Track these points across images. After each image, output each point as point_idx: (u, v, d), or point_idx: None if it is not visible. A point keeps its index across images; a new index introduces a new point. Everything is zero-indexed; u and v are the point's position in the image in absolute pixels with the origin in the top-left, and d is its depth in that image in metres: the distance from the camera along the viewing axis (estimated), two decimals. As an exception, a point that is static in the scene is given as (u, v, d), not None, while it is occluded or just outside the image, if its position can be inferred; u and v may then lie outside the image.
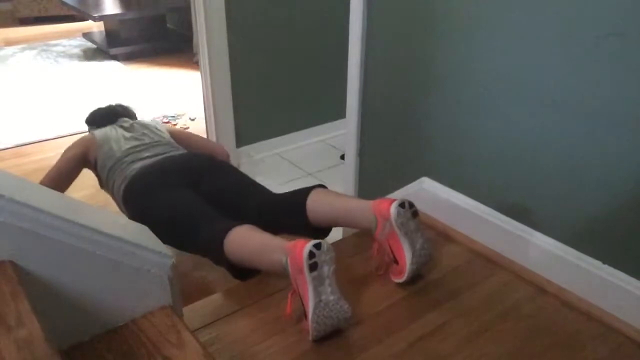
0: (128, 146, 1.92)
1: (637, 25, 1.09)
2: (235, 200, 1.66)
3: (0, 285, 0.88)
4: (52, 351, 0.78)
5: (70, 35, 5.11)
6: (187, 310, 1.27)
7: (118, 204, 1.84)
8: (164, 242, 1.57)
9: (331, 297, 1.16)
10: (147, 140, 1.97)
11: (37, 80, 3.97)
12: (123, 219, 1.24)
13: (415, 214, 1.31)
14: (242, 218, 1.54)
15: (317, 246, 1.14)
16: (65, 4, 4.64)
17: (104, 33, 4.77)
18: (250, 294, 1.35)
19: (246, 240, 1.33)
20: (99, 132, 2.02)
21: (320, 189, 1.51)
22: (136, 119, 2.23)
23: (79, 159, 2.00)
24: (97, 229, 1.01)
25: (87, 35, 4.79)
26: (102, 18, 4.33)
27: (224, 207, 1.61)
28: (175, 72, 4.25)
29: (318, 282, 1.15)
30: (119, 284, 1.06)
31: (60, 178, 1.99)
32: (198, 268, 2.02)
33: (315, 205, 1.47)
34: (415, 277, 1.34)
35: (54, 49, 4.70)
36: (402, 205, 1.28)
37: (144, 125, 2.09)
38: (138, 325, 1.09)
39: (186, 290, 1.35)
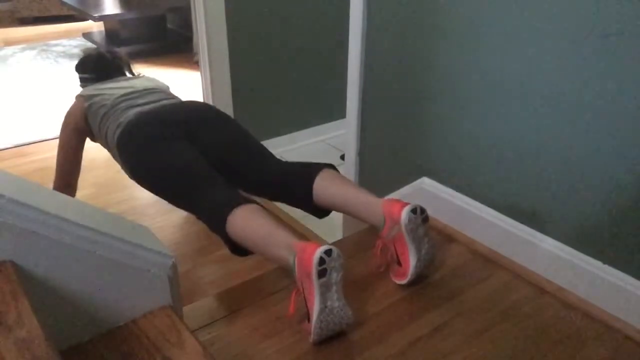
0: (122, 92, 1.83)
1: (638, 25, 1.09)
2: (237, 161, 1.59)
3: (0, 285, 0.88)
4: (52, 351, 0.78)
5: (70, 35, 5.11)
6: (187, 310, 1.27)
7: (112, 154, 1.76)
8: (157, 194, 1.56)
9: (337, 304, 1.14)
10: (141, 87, 1.88)
11: (37, 80, 3.96)
12: (123, 219, 1.24)
13: (425, 220, 1.29)
14: (242, 180, 1.50)
15: (328, 253, 1.11)
16: (65, 4, 4.64)
17: (104, 33, 4.78)
18: (250, 293, 1.35)
19: (251, 225, 1.28)
20: (86, 90, 1.94)
21: (329, 171, 1.48)
22: (130, 68, 2.17)
23: (73, 133, 1.95)
24: (97, 229, 1.01)
25: (87, 35, 4.80)
26: (102, 18, 4.33)
27: (223, 164, 1.55)
28: (175, 72, 4.25)
29: (325, 289, 1.13)
30: (118, 284, 1.06)
31: (68, 166, 2.00)
32: (198, 268, 2.02)
33: (322, 188, 1.44)
34: (415, 277, 1.34)
35: (54, 49, 4.70)
36: (414, 210, 1.26)
37: (139, 75, 2.03)
38: (138, 325, 1.09)
39: (186, 291, 1.35)
